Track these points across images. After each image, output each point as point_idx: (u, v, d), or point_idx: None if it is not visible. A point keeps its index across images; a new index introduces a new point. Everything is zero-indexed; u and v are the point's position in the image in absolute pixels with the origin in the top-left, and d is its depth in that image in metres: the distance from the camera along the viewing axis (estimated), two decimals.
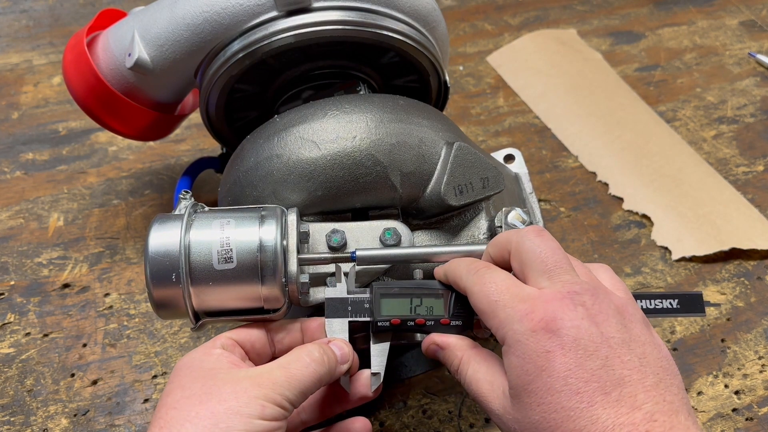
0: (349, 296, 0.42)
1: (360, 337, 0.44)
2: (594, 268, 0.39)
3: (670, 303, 0.42)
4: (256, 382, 0.35)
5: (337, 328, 0.41)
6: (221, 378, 0.36)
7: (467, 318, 0.41)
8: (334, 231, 0.44)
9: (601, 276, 0.38)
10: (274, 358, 0.41)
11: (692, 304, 0.42)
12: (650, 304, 0.42)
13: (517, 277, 0.38)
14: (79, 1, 1.01)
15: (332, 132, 0.44)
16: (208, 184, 0.70)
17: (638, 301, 0.41)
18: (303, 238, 0.42)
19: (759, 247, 0.64)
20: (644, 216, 0.68)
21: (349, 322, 0.42)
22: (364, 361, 0.43)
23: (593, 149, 0.75)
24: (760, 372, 0.56)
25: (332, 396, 0.43)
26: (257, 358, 0.41)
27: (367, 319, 0.42)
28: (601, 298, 0.35)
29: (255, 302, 0.40)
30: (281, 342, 0.42)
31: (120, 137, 0.69)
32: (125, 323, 0.60)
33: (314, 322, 0.42)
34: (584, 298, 0.34)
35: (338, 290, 0.42)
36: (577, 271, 0.36)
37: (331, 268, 0.44)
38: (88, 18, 0.96)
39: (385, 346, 0.42)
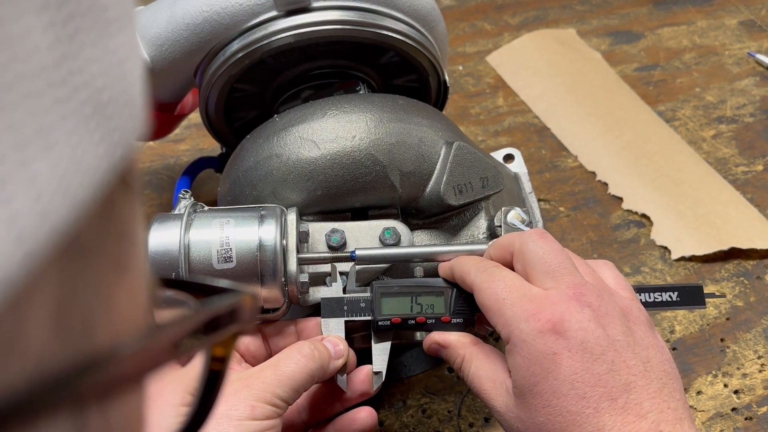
0: (345, 296, 0.42)
1: (358, 336, 0.44)
2: (597, 265, 0.39)
3: (670, 296, 0.42)
4: (245, 383, 0.36)
5: (333, 328, 0.42)
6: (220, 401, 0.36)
7: (468, 315, 0.41)
8: (333, 230, 0.44)
9: (605, 274, 0.38)
10: None
11: (692, 296, 0.42)
12: (650, 297, 0.42)
13: None
14: None
15: (332, 132, 0.44)
16: (208, 183, 0.70)
17: (638, 294, 0.41)
18: (302, 237, 0.42)
19: (758, 247, 0.64)
20: (644, 216, 0.68)
21: (348, 321, 0.42)
22: (363, 361, 0.43)
23: (593, 149, 0.75)
24: (760, 371, 0.57)
25: (332, 394, 0.43)
26: (253, 360, 0.42)
27: (368, 318, 0.42)
28: (606, 300, 0.35)
29: None
30: (276, 344, 0.42)
31: None
32: None
33: (310, 322, 0.42)
34: (590, 299, 0.34)
35: (334, 290, 0.42)
36: (580, 271, 0.36)
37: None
38: None
39: (386, 345, 0.42)
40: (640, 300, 0.41)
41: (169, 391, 0.36)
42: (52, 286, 0.12)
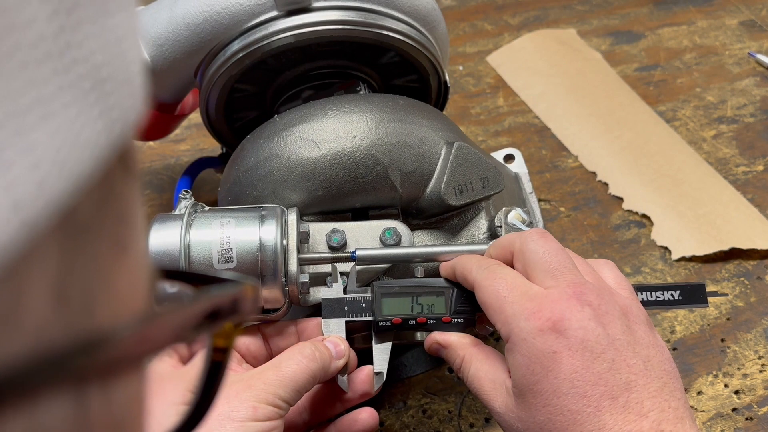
0: (345, 296, 0.42)
1: (359, 336, 0.44)
2: (598, 264, 0.39)
3: (672, 294, 0.41)
4: (247, 384, 0.36)
5: (334, 328, 0.42)
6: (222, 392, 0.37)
7: (469, 315, 0.41)
8: (334, 231, 0.44)
9: (606, 273, 0.38)
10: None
11: (694, 295, 0.42)
12: (651, 296, 0.41)
13: None
14: None
15: (332, 132, 0.44)
16: (208, 183, 0.70)
17: (639, 293, 0.41)
18: (303, 237, 0.42)
19: (759, 247, 0.64)
20: (644, 216, 0.68)
21: (348, 322, 0.42)
22: (364, 361, 0.43)
23: (593, 149, 0.75)
24: (760, 372, 0.57)
25: (333, 395, 0.43)
26: (254, 361, 0.42)
27: (368, 318, 0.42)
28: (606, 299, 0.35)
29: None
30: (277, 345, 0.42)
31: None
32: None
33: (311, 322, 0.42)
34: (590, 298, 0.34)
35: (334, 290, 0.42)
36: (581, 271, 0.36)
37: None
38: None
39: (387, 346, 0.42)
40: (642, 299, 0.41)
41: (170, 390, 0.36)
42: (51, 260, 0.12)
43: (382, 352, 0.42)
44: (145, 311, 0.15)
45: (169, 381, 0.37)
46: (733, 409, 0.54)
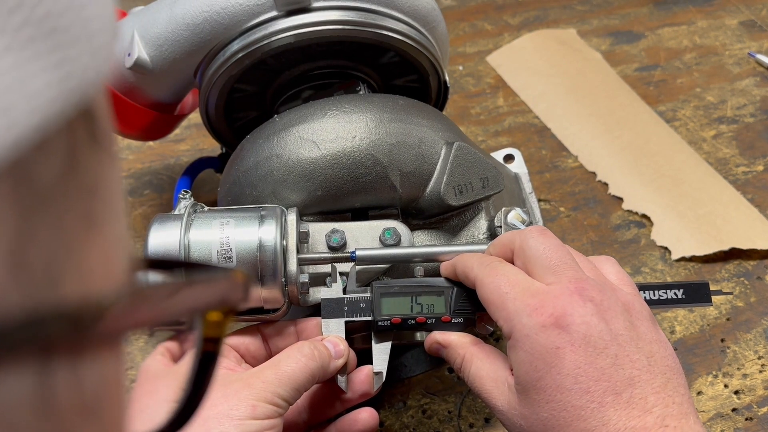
0: (345, 296, 0.42)
1: (358, 336, 0.44)
2: (599, 261, 0.39)
3: (675, 293, 0.41)
4: (246, 383, 0.36)
5: (334, 329, 0.42)
6: (214, 384, 0.37)
7: (469, 315, 0.41)
8: (333, 231, 0.44)
9: (607, 270, 0.38)
10: None
11: (698, 293, 0.41)
12: (654, 295, 0.41)
13: None
14: None
15: (332, 132, 0.44)
16: (208, 184, 0.70)
17: (642, 292, 0.40)
18: (303, 237, 0.42)
19: (759, 247, 0.64)
20: (644, 216, 0.68)
21: (348, 322, 0.42)
22: (364, 361, 0.43)
23: (593, 149, 0.75)
24: (760, 372, 0.56)
25: (333, 394, 0.43)
26: (253, 361, 0.42)
27: (368, 318, 0.42)
28: (608, 295, 0.35)
29: (254, 302, 0.40)
30: (276, 345, 0.42)
31: (119, 137, 0.69)
32: None
33: (310, 323, 0.42)
34: (592, 293, 0.34)
35: (334, 290, 0.42)
36: (582, 267, 0.36)
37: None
38: None
39: (386, 346, 0.42)
40: (646, 298, 0.41)
41: (163, 387, 0.36)
42: (6, 222, 0.11)
43: (381, 352, 0.42)
44: (119, 290, 0.15)
45: (162, 379, 0.37)
46: (733, 410, 0.54)
